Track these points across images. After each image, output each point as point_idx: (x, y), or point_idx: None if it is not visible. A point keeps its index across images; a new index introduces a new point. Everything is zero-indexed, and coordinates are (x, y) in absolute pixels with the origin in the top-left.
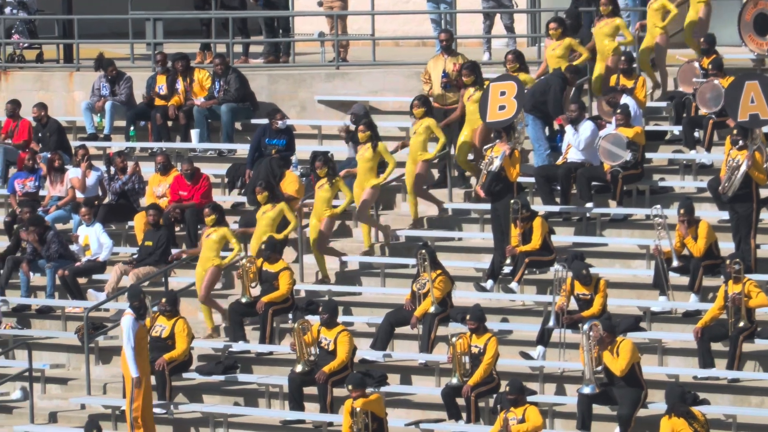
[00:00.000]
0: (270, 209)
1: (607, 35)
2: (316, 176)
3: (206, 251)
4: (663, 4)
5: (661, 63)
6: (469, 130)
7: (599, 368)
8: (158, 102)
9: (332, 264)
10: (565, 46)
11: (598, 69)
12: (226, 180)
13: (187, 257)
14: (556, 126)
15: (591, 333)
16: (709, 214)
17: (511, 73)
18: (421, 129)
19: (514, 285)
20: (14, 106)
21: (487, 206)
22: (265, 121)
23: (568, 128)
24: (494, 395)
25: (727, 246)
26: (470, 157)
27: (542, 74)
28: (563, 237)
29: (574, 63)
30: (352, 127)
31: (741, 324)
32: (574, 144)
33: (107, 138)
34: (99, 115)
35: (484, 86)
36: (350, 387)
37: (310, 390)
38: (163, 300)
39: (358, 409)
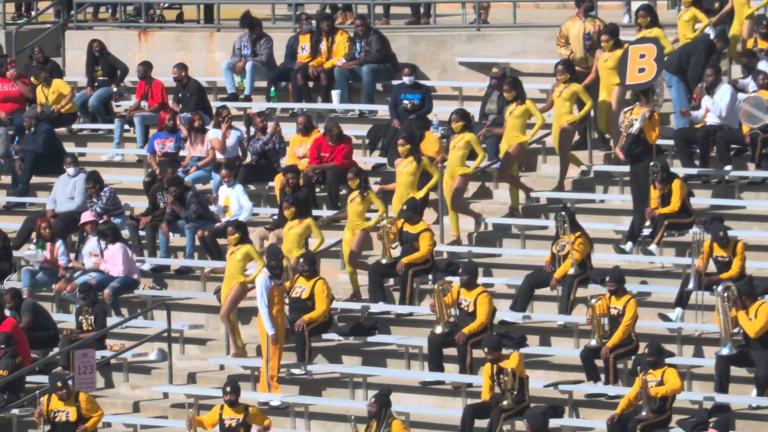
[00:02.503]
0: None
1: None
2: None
3: (231, 269)
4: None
5: None
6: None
7: (736, 330)
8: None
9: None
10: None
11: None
12: (367, 141)
13: (214, 273)
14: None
15: (726, 295)
16: None
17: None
18: (461, 144)
19: (653, 247)
20: (145, 68)
21: (627, 168)
22: (402, 80)
23: (705, 98)
24: (633, 357)
25: None
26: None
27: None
28: (702, 199)
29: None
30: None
31: None
32: (714, 111)
33: (248, 98)
34: (240, 75)
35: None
36: (486, 349)
37: (450, 351)
38: (301, 260)
39: (508, 370)
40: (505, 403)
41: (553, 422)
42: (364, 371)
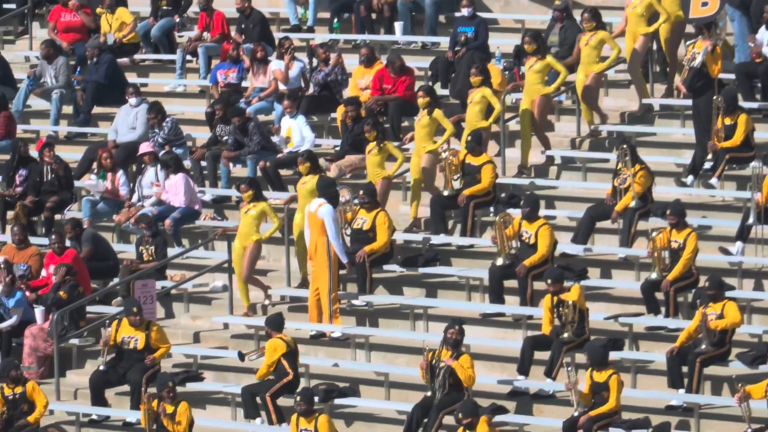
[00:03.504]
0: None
1: None
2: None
3: (245, 227)
4: None
5: None
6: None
7: None
8: None
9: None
10: None
11: None
12: (429, 73)
13: (224, 232)
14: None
15: None
16: None
17: None
18: (478, 98)
19: (714, 180)
20: None
21: (688, 102)
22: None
23: (762, 29)
24: (693, 290)
25: None
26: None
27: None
28: (763, 134)
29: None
30: None
31: None
32: None
33: (310, 30)
34: (303, 6)
35: None
36: (549, 281)
37: (510, 283)
38: (361, 192)
39: (568, 302)
40: (565, 335)
41: (613, 355)
42: (424, 303)
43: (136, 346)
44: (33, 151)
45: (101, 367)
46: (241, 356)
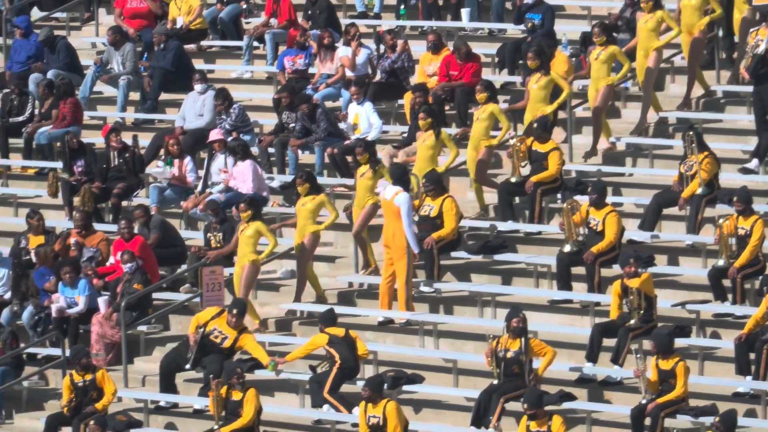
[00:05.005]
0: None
1: None
2: (356, 162)
3: (242, 247)
4: None
5: None
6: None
7: None
8: None
9: None
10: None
11: None
12: (496, 59)
13: (216, 256)
14: None
15: None
16: None
17: None
18: (485, 115)
19: None
20: None
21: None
22: None
23: None
24: (760, 277)
25: None
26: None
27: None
28: None
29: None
30: None
31: None
32: None
33: (377, 16)
34: None
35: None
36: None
37: (578, 270)
38: (423, 180)
39: (633, 288)
40: (631, 322)
41: (680, 341)
42: (492, 289)
43: (222, 344)
44: (93, 137)
45: (187, 367)
46: (313, 369)
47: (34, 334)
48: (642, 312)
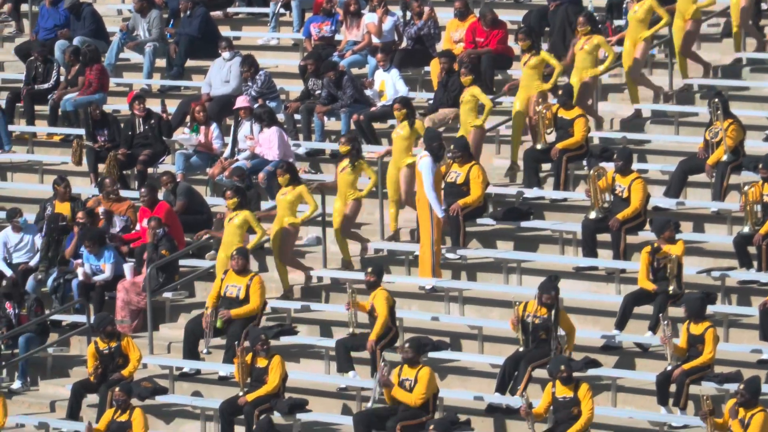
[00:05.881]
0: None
1: None
2: (340, 156)
3: (229, 236)
4: None
5: None
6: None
7: None
8: None
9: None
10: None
11: None
12: (521, 27)
13: (208, 239)
14: None
15: None
16: None
17: None
18: (468, 97)
19: None
20: None
21: None
22: None
23: None
24: None
25: None
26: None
27: None
28: None
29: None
30: None
31: None
32: None
33: None
34: None
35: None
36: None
37: (604, 237)
38: (452, 146)
39: (672, 256)
40: (671, 289)
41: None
42: (518, 256)
43: (238, 295)
44: (118, 104)
45: (204, 351)
46: (352, 335)
47: (54, 300)
48: (677, 279)
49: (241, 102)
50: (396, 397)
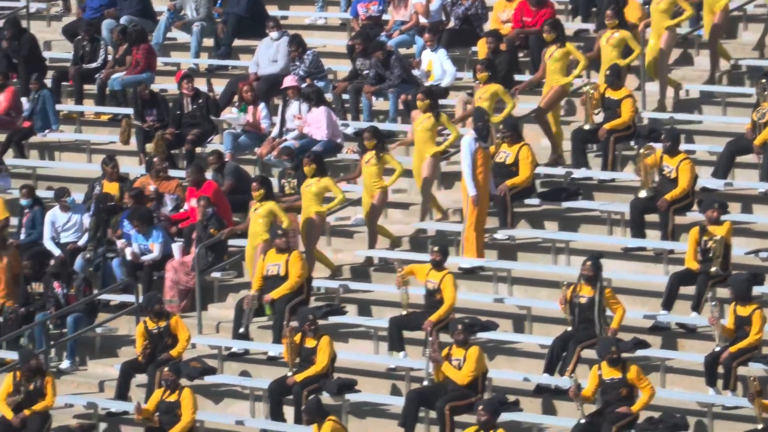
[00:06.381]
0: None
1: None
2: (363, 148)
3: (254, 226)
4: None
5: None
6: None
7: None
8: None
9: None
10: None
11: None
12: (569, 7)
13: (229, 234)
14: None
15: None
16: None
17: None
18: (487, 95)
19: None
20: None
21: None
22: None
23: None
24: None
25: None
26: None
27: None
28: None
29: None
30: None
31: None
32: None
33: None
34: None
35: None
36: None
37: (652, 217)
38: (501, 126)
39: (717, 236)
40: (712, 269)
41: (754, 290)
42: (566, 237)
43: (278, 273)
44: (166, 84)
45: (241, 330)
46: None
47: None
48: (721, 260)
49: (290, 81)
50: (445, 373)
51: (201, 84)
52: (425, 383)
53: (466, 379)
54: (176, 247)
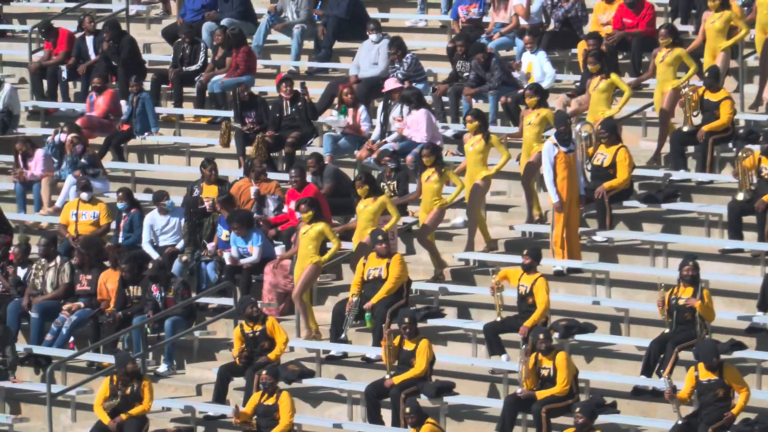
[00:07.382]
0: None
1: None
2: (422, 166)
3: (303, 248)
4: None
5: None
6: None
7: None
8: None
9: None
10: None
11: None
12: (668, 9)
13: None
14: None
15: None
16: None
17: None
18: (537, 120)
19: None
20: None
21: None
22: None
23: None
24: None
25: None
26: None
27: None
28: None
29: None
30: None
31: None
32: None
33: None
34: None
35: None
36: None
37: (750, 219)
38: (599, 127)
39: None
40: None
41: None
42: (664, 238)
43: (380, 275)
44: (266, 86)
45: (342, 336)
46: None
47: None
48: None
49: (393, 84)
50: (541, 397)
51: (296, 87)
52: (518, 391)
53: (564, 390)
54: (279, 250)
